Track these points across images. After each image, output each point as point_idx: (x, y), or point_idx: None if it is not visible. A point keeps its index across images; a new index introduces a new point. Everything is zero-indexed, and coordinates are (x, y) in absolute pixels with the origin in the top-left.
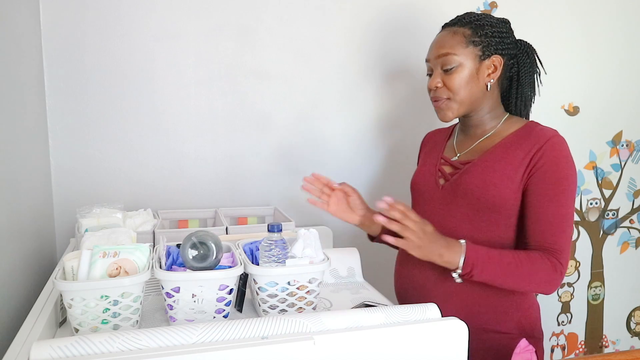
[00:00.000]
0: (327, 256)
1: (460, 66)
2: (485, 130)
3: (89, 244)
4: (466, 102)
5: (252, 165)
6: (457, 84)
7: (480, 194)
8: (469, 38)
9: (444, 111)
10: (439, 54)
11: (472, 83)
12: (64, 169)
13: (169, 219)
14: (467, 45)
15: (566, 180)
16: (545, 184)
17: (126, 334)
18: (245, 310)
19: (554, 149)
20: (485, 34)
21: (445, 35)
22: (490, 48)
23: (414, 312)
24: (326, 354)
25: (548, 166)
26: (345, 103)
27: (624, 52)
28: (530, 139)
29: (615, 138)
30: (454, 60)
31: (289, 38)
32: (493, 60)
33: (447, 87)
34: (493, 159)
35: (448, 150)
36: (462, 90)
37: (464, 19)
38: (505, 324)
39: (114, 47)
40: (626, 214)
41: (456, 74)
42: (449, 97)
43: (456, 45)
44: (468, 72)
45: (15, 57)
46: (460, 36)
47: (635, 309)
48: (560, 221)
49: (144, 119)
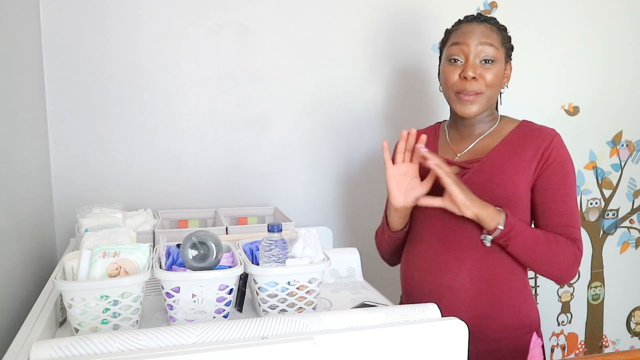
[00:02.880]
0: (327, 256)
1: (498, 61)
2: (483, 130)
3: (89, 244)
4: (490, 101)
5: (252, 165)
6: (493, 79)
7: (491, 192)
8: (500, 38)
9: (471, 105)
10: (482, 42)
11: (500, 83)
12: (64, 169)
13: (169, 219)
14: (501, 45)
15: (571, 175)
16: (557, 180)
17: (126, 334)
18: (245, 310)
19: (560, 147)
20: (506, 40)
21: (484, 28)
22: (509, 53)
23: (414, 312)
24: (326, 354)
25: (557, 163)
26: (345, 103)
27: (624, 52)
28: (533, 137)
29: (615, 138)
30: (495, 54)
31: (289, 38)
32: (510, 65)
33: (483, 80)
34: (501, 157)
35: (443, 151)
36: (494, 87)
37: (492, 20)
38: (520, 318)
39: (114, 47)
40: (626, 214)
41: (495, 68)
42: (481, 91)
43: (496, 41)
44: (500, 70)
45: (15, 57)
46: (497, 35)
47: (635, 309)
48: (573, 213)
49: (144, 119)
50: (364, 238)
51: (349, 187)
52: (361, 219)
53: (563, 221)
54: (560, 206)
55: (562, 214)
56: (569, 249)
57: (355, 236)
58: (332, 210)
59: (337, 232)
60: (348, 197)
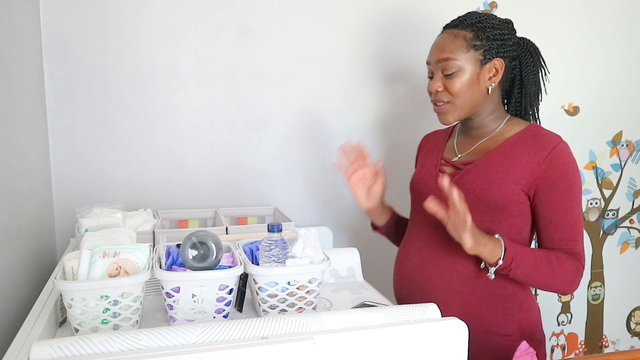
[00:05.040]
0: (327, 256)
1: (461, 70)
2: (487, 132)
3: (89, 244)
4: (467, 106)
5: (252, 165)
6: (457, 89)
7: (482, 193)
8: (470, 42)
9: (444, 115)
10: (439, 58)
11: (473, 87)
12: (64, 169)
13: (169, 219)
14: (468, 50)
15: (575, 186)
16: (558, 193)
17: (126, 334)
18: (245, 310)
19: (562, 157)
20: (487, 37)
21: (446, 39)
22: (492, 51)
23: (414, 312)
24: (326, 354)
25: (558, 175)
26: (345, 103)
27: (624, 52)
28: (535, 143)
29: (615, 138)
30: (455, 65)
31: (289, 38)
32: (494, 63)
33: (447, 91)
34: (495, 160)
35: (448, 151)
36: (463, 94)
37: (465, 21)
38: (505, 326)
39: (114, 47)
40: (626, 214)
41: (457, 78)
42: (450, 100)
43: (457, 50)
44: (469, 76)
45: (15, 57)
46: (462, 40)
47: (635, 309)
48: (576, 226)
49: (144, 119)
50: (364, 238)
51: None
52: (361, 219)
53: (565, 235)
54: (563, 220)
55: (565, 228)
56: (570, 265)
57: (355, 236)
58: (332, 210)
59: (337, 232)
60: (348, 197)
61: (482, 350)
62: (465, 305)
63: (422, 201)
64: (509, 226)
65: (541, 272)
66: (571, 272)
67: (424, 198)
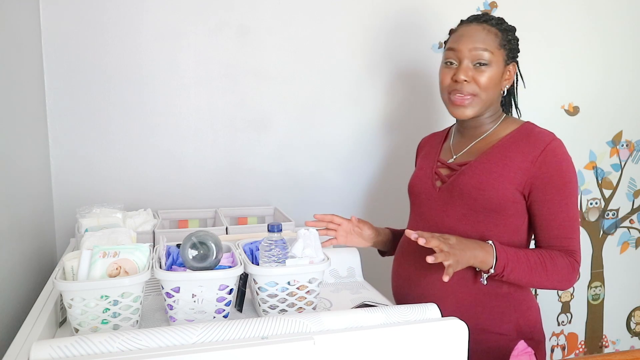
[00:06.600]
0: (327, 256)
1: (493, 64)
2: (482, 132)
3: (89, 244)
4: (488, 103)
5: (252, 165)
6: (487, 82)
7: (477, 194)
8: (500, 40)
9: (464, 108)
10: (475, 47)
11: (497, 85)
12: (64, 169)
13: (169, 219)
14: (499, 47)
15: (570, 183)
16: (552, 191)
17: (126, 334)
18: (245, 310)
19: (555, 155)
20: (509, 40)
21: (479, 31)
22: (511, 54)
23: (414, 312)
24: (326, 354)
25: (552, 173)
26: (345, 103)
27: (624, 52)
28: (528, 142)
29: (615, 138)
30: (489, 57)
31: (289, 38)
32: (511, 67)
33: (476, 83)
34: (490, 161)
35: (444, 152)
36: (490, 89)
37: (493, 19)
38: (503, 325)
39: (114, 47)
40: (626, 214)
41: (488, 71)
42: (476, 93)
43: (492, 43)
44: (496, 72)
45: (15, 57)
46: (494, 36)
47: (635, 309)
48: (571, 223)
49: (143, 119)
50: None
51: (349, 187)
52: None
53: (560, 233)
54: (558, 218)
55: (560, 227)
56: (564, 264)
57: None
58: (331, 210)
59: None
60: (348, 197)
61: (478, 350)
62: (461, 305)
63: (419, 203)
64: (506, 226)
65: (535, 275)
66: (566, 271)
67: (421, 200)
